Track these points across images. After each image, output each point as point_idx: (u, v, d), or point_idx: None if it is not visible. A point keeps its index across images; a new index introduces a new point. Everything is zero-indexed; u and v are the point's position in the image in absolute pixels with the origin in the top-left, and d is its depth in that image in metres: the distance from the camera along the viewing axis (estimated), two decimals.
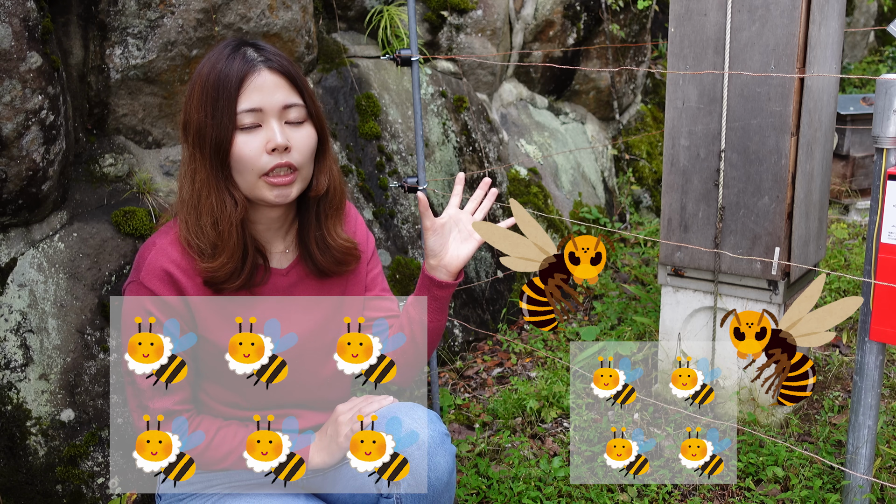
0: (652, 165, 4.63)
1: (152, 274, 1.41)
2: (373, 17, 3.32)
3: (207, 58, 1.44)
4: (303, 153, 1.44)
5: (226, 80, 1.39)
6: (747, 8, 2.27)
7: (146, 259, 1.43)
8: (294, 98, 1.44)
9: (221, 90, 1.39)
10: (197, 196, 1.42)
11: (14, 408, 2.08)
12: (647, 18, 4.52)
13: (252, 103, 1.40)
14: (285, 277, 1.55)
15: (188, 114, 1.43)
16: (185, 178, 1.45)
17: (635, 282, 3.72)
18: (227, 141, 1.40)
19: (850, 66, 6.65)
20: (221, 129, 1.39)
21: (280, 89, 1.42)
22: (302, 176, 1.46)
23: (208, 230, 1.41)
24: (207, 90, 1.40)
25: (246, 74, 1.40)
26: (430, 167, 3.33)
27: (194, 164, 1.43)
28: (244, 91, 1.39)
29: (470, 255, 1.64)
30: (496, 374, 3.06)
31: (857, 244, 3.99)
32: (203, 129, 1.40)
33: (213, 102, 1.39)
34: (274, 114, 1.41)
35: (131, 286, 1.44)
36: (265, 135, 1.41)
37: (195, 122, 1.41)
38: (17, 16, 2.01)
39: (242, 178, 1.42)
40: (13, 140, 2.03)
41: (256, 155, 1.40)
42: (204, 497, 1.56)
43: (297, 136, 1.44)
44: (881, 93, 1.84)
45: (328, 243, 1.55)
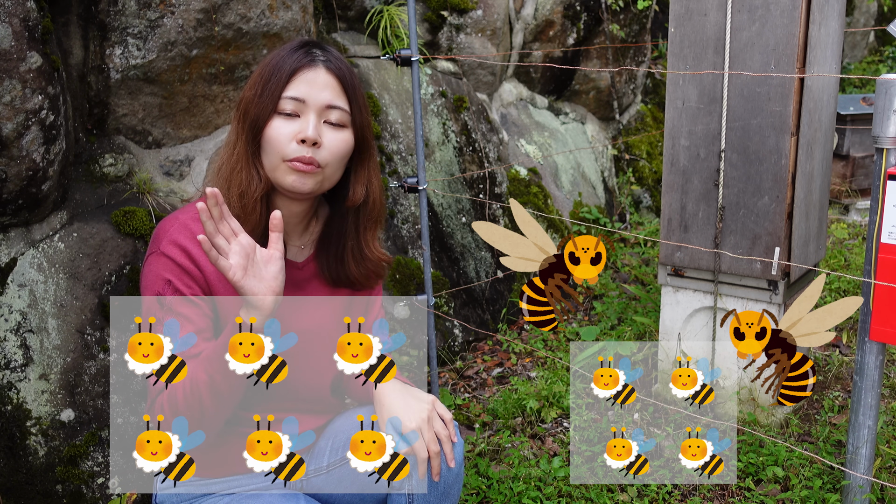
0: (652, 165, 4.63)
1: (173, 244, 1.44)
2: (373, 17, 3.32)
3: (279, 49, 1.51)
4: (333, 153, 1.47)
5: (282, 66, 1.45)
6: (747, 8, 2.27)
7: (167, 232, 1.46)
8: (340, 101, 1.47)
9: (275, 74, 1.45)
10: (231, 167, 1.47)
11: (14, 408, 2.08)
12: (647, 18, 4.52)
13: (298, 92, 1.44)
14: (300, 272, 1.57)
15: (244, 92, 1.49)
16: (226, 150, 1.50)
17: (635, 282, 3.72)
18: (265, 120, 1.44)
19: (850, 66, 6.65)
20: (262, 108, 1.44)
21: (329, 89, 1.46)
22: (325, 175, 1.48)
23: (234, 201, 1.45)
24: (264, 73, 1.46)
25: (302, 66, 1.45)
26: (430, 167, 3.33)
27: (235, 136, 1.48)
28: (294, 80, 1.44)
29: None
30: (496, 374, 3.06)
31: (857, 244, 3.99)
32: (249, 105, 1.46)
33: (264, 83, 1.45)
34: (315, 109, 1.45)
35: (151, 258, 1.45)
36: (300, 125, 1.44)
37: (245, 98, 1.48)
38: (17, 16, 2.01)
39: (267, 157, 1.46)
40: (13, 140, 2.03)
41: (286, 140, 1.44)
42: (202, 498, 1.56)
43: (332, 136, 1.47)
44: (881, 93, 1.84)
45: (364, 254, 1.59)
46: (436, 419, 1.51)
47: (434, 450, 1.47)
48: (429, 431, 1.48)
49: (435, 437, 1.48)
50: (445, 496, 1.54)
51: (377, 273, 1.64)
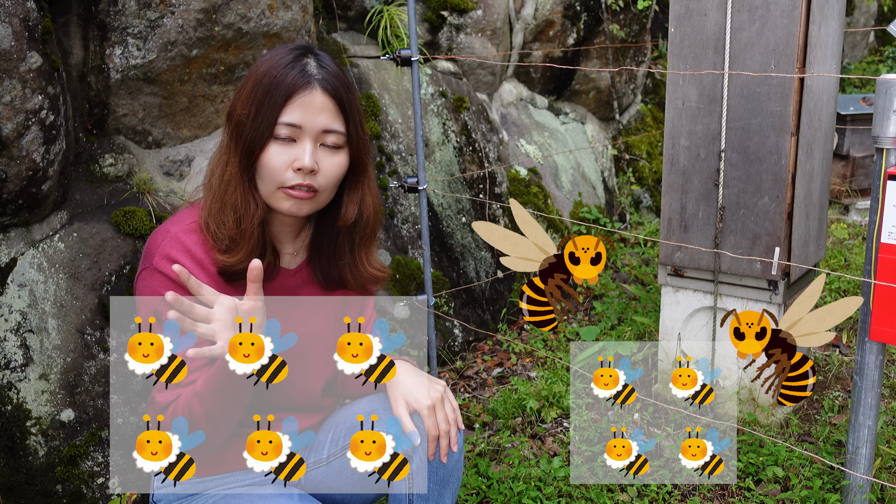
0: (652, 165, 4.63)
1: (166, 258, 1.42)
2: (373, 17, 3.32)
3: (271, 55, 1.46)
4: (328, 178, 1.46)
5: (277, 87, 1.40)
6: (747, 8, 2.27)
7: (160, 246, 1.44)
8: (337, 125, 1.45)
9: (269, 96, 1.40)
10: (224, 188, 1.44)
11: (14, 408, 2.08)
12: (647, 18, 4.52)
13: (294, 118, 1.41)
14: (293, 278, 1.56)
15: (234, 104, 1.45)
16: (218, 165, 1.47)
17: (635, 282, 3.72)
18: (260, 146, 1.41)
19: (850, 66, 6.65)
20: (258, 133, 1.41)
21: (325, 112, 1.43)
22: (320, 199, 1.48)
23: (230, 224, 1.43)
24: (258, 91, 1.41)
25: (298, 89, 1.41)
26: (430, 167, 3.32)
27: (227, 155, 1.45)
28: (290, 104, 1.40)
29: None
30: (496, 374, 3.06)
31: (857, 244, 3.99)
32: (243, 125, 1.42)
33: (258, 104, 1.41)
34: (311, 134, 1.42)
35: (144, 273, 1.44)
36: (296, 152, 1.42)
37: (238, 115, 1.43)
38: (17, 16, 2.01)
39: (263, 183, 1.44)
40: (13, 140, 2.03)
41: (282, 168, 1.42)
42: (202, 498, 1.56)
43: (328, 161, 1.45)
44: (881, 93, 1.84)
45: (360, 271, 1.59)
46: (447, 402, 1.55)
47: (444, 429, 1.52)
48: (441, 411, 1.52)
49: (445, 417, 1.53)
50: (445, 484, 1.55)
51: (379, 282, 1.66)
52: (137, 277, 1.46)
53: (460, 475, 1.61)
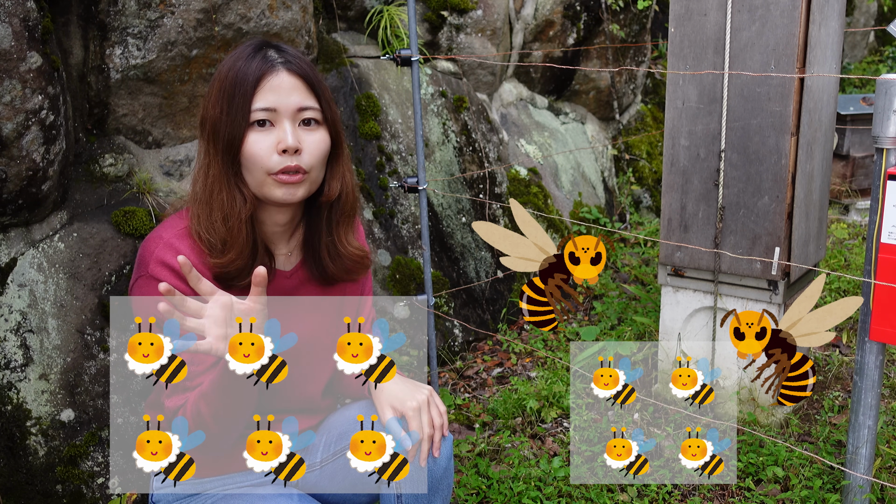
0: (652, 165, 4.63)
1: (161, 265, 1.41)
2: (373, 17, 3.32)
3: (230, 56, 1.45)
4: (314, 156, 1.45)
5: (244, 78, 1.40)
6: (747, 8, 2.27)
7: (153, 253, 1.42)
8: (310, 101, 1.44)
9: (238, 87, 1.40)
10: (209, 191, 1.43)
11: (14, 408, 2.08)
12: (647, 18, 4.52)
13: (267, 102, 1.41)
14: (289, 280, 1.55)
15: (206, 109, 1.45)
16: (200, 173, 1.46)
17: (635, 282, 3.72)
18: (240, 137, 1.41)
19: (850, 66, 6.65)
20: (235, 126, 1.40)
21: (296, 91, 1.43)
22: (311, 178, 1.46)
23: (219, 226, 1.42)
24: (225, 87, 1.41)
25: (264, 74, 1.41)
26: (430, 167, 3.33)
27: (208, 159, 1.44)
28: (260, 90, 1.40)
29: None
30: (496, 374, 3.06)
31: (857, 244, 3.99)
32: (218, 124, 1.41)
33: (229, 99, 1.40)
34: (288, 115, 1.42)
35: (139, 281, 1.43)
36: (277, 135, 1.41)
37: (211, 117, 1.43)
38: (17, 16, 2.01)
39: (251, 175, 1.43)
40: (13, 140, 2.03)
41: (267, 154, 1.41)
42: (201, 498, 1.56)
43: (310, 139, 1.44)
44: (881, 93, 1.84)
45: (339, 251, 1.56)
46: (433, 406, 1.53)
47: (427, 432, 1.49)
48: (425, 414, 1.50)
49: (430, 421, 1.51)
50: (435, 491, 1.54)
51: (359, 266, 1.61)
52: (133, 286, 1.45)
53: (451, 482, 1.59)
